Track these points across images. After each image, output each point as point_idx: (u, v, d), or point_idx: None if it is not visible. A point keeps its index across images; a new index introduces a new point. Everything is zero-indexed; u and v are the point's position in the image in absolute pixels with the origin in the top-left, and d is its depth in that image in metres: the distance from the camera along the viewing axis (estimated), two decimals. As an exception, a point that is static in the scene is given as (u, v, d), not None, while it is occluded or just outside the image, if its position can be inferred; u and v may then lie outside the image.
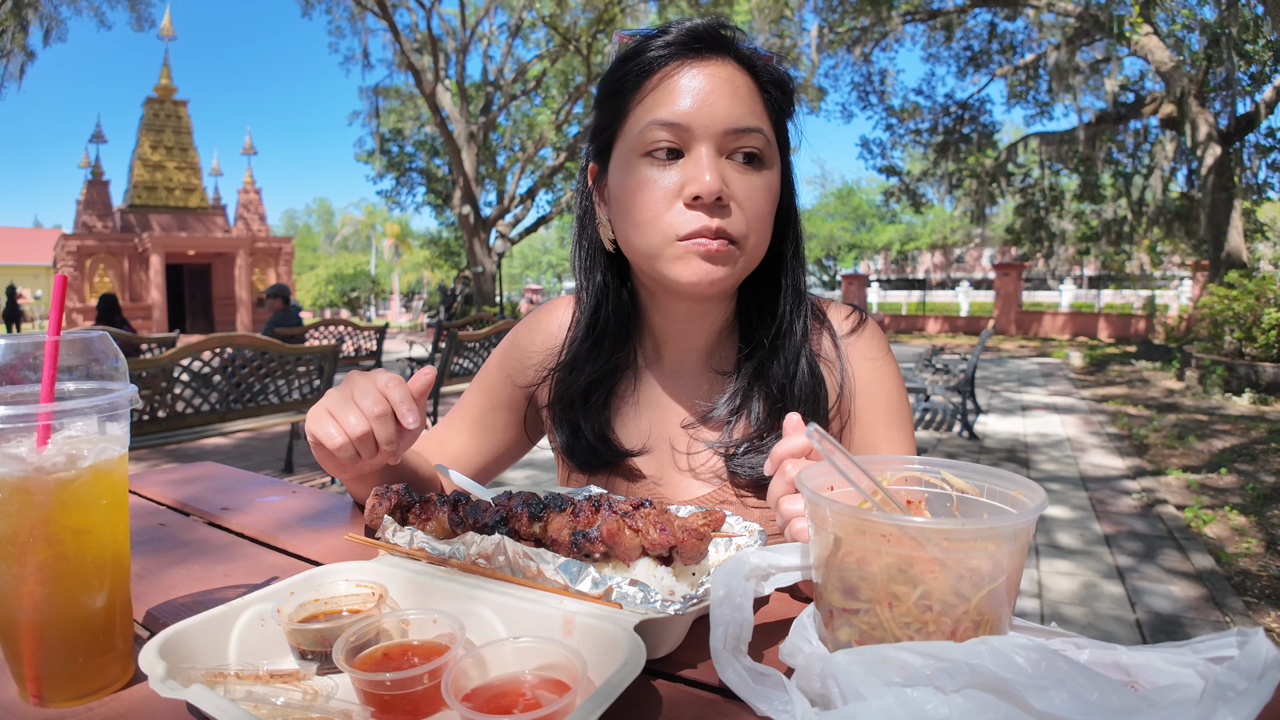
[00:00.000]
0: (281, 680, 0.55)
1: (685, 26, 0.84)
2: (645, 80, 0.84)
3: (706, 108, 0.80)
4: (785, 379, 0.91)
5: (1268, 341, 8.40)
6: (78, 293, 23.23)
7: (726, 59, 0.84)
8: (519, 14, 17.88)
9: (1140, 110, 14.60)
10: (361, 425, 0.75)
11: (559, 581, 0.63)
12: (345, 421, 0.75)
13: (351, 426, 0.75)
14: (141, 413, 3.82)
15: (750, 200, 0.82)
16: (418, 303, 39.20)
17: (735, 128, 0.81)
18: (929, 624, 0.49)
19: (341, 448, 0.75)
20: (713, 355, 0.97)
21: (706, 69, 0.82)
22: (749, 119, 0.82)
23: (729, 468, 0.92)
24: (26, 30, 13.55)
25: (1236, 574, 3.43)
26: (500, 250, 19.16)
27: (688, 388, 0.97)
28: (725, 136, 0.81)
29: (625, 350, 0.98)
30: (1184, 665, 0.47)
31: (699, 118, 0.80)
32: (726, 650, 0.52)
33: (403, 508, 0.76)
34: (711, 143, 0.81)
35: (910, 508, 0.57)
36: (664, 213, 0.82)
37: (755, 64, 0.86)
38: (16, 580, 0.54)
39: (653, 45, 0.84)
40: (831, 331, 0.96)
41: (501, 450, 1.10)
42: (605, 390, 0.97)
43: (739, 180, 0.82)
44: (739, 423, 0.93)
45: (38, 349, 0.55)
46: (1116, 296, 22.05)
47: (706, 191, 0.79)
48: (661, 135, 0.81)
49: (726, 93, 0.81)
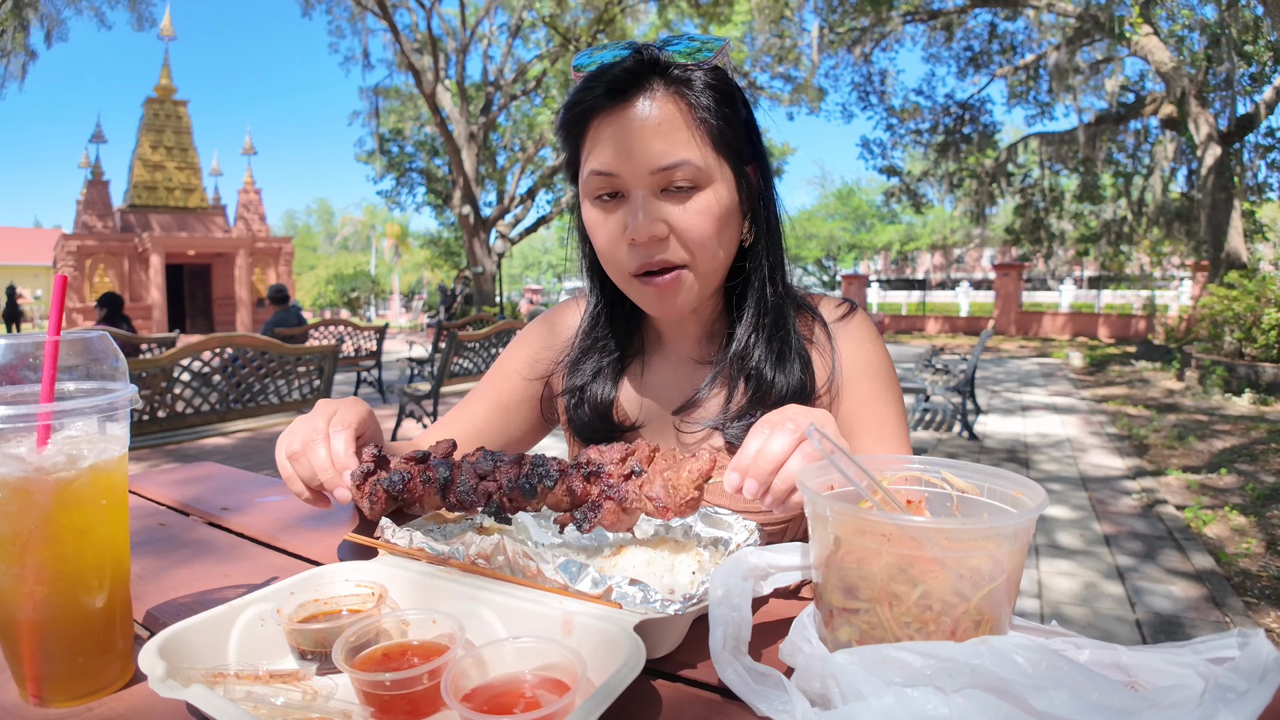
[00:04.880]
0: (281, 680, 0.55)
1: (611, 74, 0.87)
2: (583, 129, 0.91)
3: (631, 156, 0.86)
4: (773, 360, 0.97)
5: (1268, 342, 8.40)
6: (78, 293, 23.23)
7: (652, 91, 0.87)
8: (519, 14, 17.88)
9: (1140, 110, 14.60)
10: (305, 491, 0.83)
11: (559, 581, 0.63)
12: (294, 483, 0.83)
13: (299, 489, 0.83)
14: (141, 413, 3.82)
15: (690, 228, 0.87)
16: (418, 303, 39.21)
17: (660, 166, 0.85)
18: (929, 624, 0.49)
19: (299, 493, 0.83)
20: (706, 343, 1.05)
21: (630, 112, 0.86)
22: (673, 154, 0.85)
23: (724, 437, 0.98)
24: (27, 30, 13.56)
25: (1237, 574, 3.43)
26: (500, 250, 19.16)
27: (685, 372, 1.05)
28: (654, 177, 0.86)
29: (631, 342, 1.08)
30: (1184, 666, 0.47)
31: (625, 166, 0.86)
32: (726, 650, 0.52)
33: (391, 496, 0.77)
34: (642, 186, 0.86)
35: (910, 507, 0.57)
36: (615, 251, 0.90)
37: (687, 83, 0.88)
38: (16, 580, 0.54)
39: (584, 96, 0.89)
40: (822, 320, 1.04)
41: (514, 439, 1.15)
42: (613, 375, 1.06)
43: (676, 211, 0.87)
44: (732, 401, 0.99)
45: (38, 349, 0.55)
46: (1116, 297, 22.04)
47: (638, 235, 0.86)
48: (599, 184, 0.89)
49: (649, 135, 0.85)
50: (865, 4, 14.42)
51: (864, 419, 0.98)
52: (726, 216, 0.90)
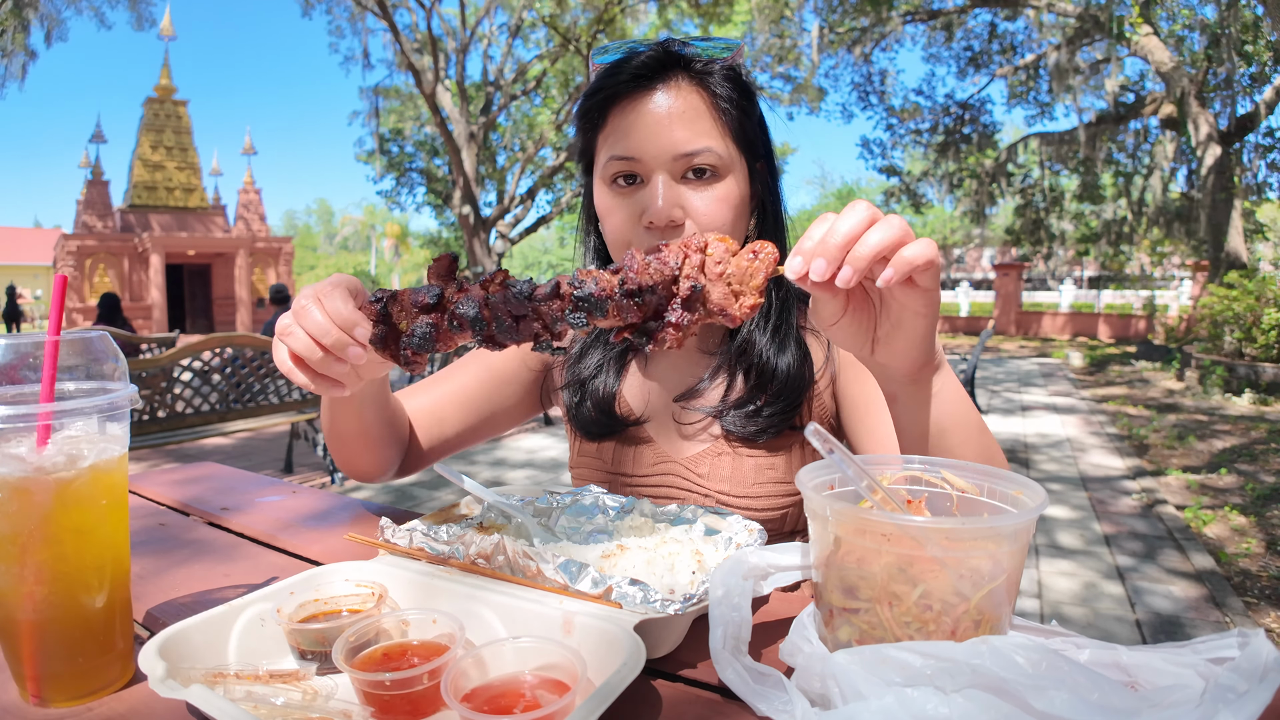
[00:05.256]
0: (281, 680, 0.55)
1: (635, 62, 0.91)
2: (606, 115, 0.92)
3: (655, 139, 0.88)
4: (774, 351, 0.99)
5: (1268, 342, 8.40)
6: (78, 293, 23.22)
7: (677, 80, 0.90)
8: (519, 14, 17.87)
9: (1140, 110, 14.59)
10: (305, 378, 0.71)
11: (558, 581, 0.63)
12: (295, 374, 0.70)
13: (302, 380, 0.71)
14: (141, 413, 3.82)
15: (706, 214, 0.89)
16: (418, 303, 39.12)
17: (683, 152, 0.88)
18: (929, 623, 0.49)
19: (304, 384, 0.71)
20: (708, 334, 1.06)
21: (654, 99, 0.89)
22: (696, 140, 0.88)
23: (722, 425, 0.99)
24: (28, 30, 13.55)
25: (1236, 574, 3.43)
26: (500, 250, 19.14)
27: (686, 364, 1.06)
28: (676, 161, 0.88)
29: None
30: (1184, 666, 0.47)
31: (649, 149, 0.88)
32: (726, 650, 0.52)
33: (423, 350, 0.66)
34: (664, 170, 0.88)
35: (910, 507, 0.57)
36: (629, 235, 0.91)
37: (709, 75, 0.92)
38: (16, 580, 0.54)
39: (608, 83, 0.92)
40: None
41: (500, 411, 1.13)
42: (613, 372, 1.07)
43: (695, 197, 0.89)
44: (730, 390, 1.01)
45: (38, 349, 0.55)
46: (1116, 297, 22.04)
47: (657, 218, 0.87)
48: (620, 167, 0.90)
49: (673, 120, 0.88)
50: (865, 4, 14.42)
51: (867, 387, 0.97)
52: (740, 207, 0.92)
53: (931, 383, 0.70)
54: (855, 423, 0.98)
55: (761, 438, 0.97)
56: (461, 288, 0.66)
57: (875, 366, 0.70)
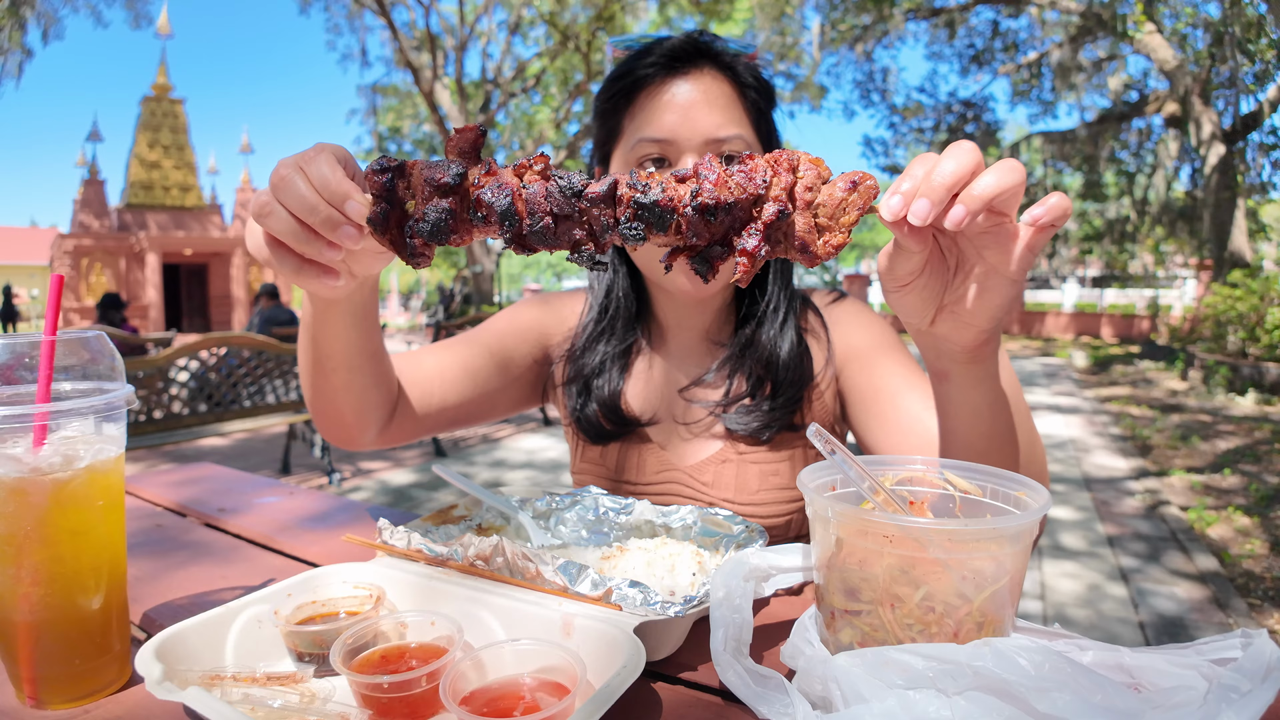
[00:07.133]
0: (278, 682, 0.54)
1: (666, 46, 0.92)
2: (633, 98, 0.93)
3: (688, 122, 0.88)
4: (773, 346, 0.99)
5: (1272, 341, 8.38)
6: (74, 292, 23.23)
7: (706, 69, 0.92)
8: (518, 11, 17.86)
9: (1144, 109, 14.57)
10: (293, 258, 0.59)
11: (558, 583, 0.62)
12: (283, 259, 0.59)
13: (293, 267, 0.59)
14: (138, 413, 3.82)
15: None
16: (416, 303, 39.21)
17: (715, 137, 0.88)
18: (931, 625, 0.48)
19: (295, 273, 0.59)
20: (711, 331, 1.06)
21: (686, 84, 0.90)
22: (728, 127, 0.89)
23: (724, 423, 0.98)
24: (24, 28, 13.54)
25: (1240, 575, 3.42)
26: (499, 250, 19.14)
27: (689, 363, 1.06)
28: (707, 146, 0.88)
29: (633, 334, 1.08)
30: (1188, 667, 0.47)
31: (682, 131, 0.88)
32: (727, 652, 0.51)
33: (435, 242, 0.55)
34: (694, 153, 0.88)
35: (913, 508, 0.57)
36: None
37: (735, 68, 0.93)
38: (13, 582, 0.53)
39: (638, 66, 0.92)
40: (815, 309, 1.07)
41: (498, 389, 1.06)
42: (617, 369, 1.05)
43: None
44: (732, 386, 1.01)
45: (34, 349, 0.54)
46: (1120, 296, 22.00)
47: None
48: (650, 150, 0.90)
49: (706, 105, 0.89)
50: (867, 1, 14.41)
51: (875, 365, 0.97)
52: None
53: (992, 360, 0.63)
54: (864, 413, 0.96)
55: (764, 434, 0.96)
56: (490, 170, 0.54)
57: (931, 339, 0.62)
